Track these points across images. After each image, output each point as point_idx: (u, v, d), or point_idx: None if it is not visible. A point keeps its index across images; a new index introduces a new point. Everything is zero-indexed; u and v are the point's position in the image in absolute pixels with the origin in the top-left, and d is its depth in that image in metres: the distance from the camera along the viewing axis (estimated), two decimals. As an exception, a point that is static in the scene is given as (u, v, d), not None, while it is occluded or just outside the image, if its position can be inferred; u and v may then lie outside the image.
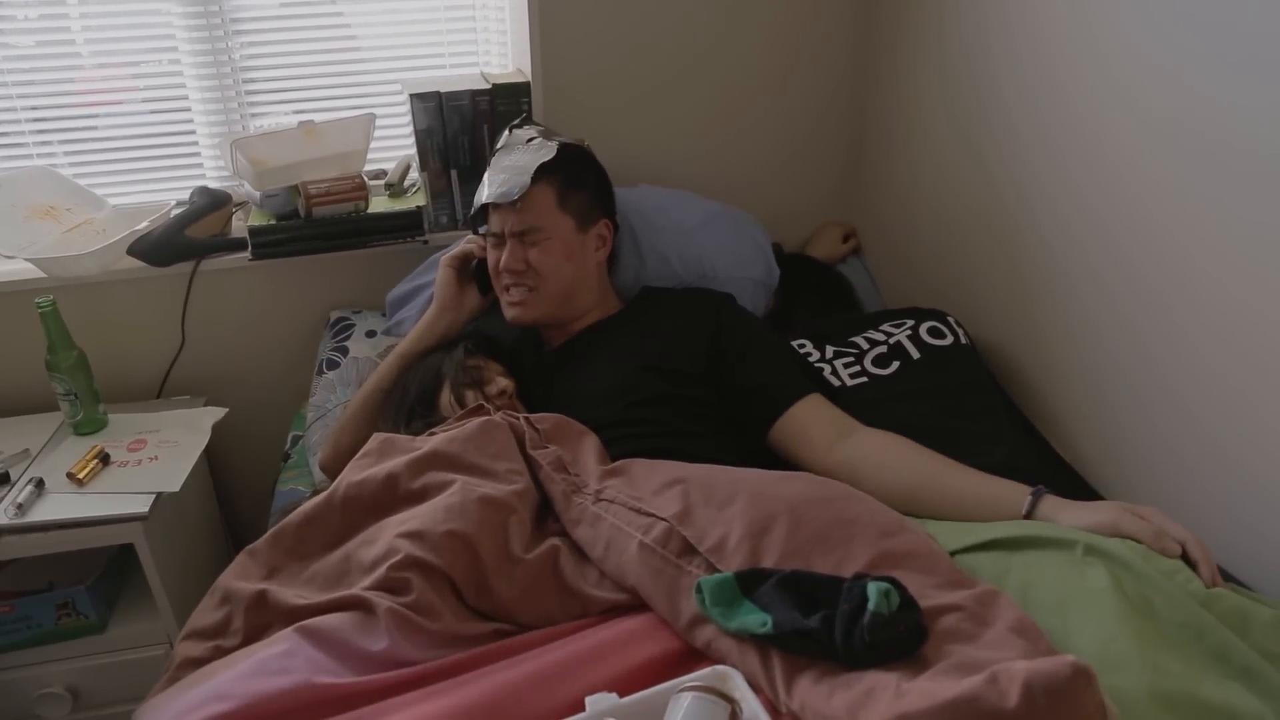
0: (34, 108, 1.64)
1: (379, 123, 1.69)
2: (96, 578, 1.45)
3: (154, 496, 1.38)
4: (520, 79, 1.66)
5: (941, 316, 1.48)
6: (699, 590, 0.86)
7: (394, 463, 1.08)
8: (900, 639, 0.75)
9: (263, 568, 1.04)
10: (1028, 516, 1.04)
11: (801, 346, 1.46)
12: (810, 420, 1.23)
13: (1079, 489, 1.27)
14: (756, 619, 0.81)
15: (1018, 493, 1.07)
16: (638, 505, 0.98)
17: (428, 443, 1.11)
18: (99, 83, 1.67)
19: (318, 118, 1.68)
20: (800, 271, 1.73)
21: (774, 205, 1.84)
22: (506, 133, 1.43)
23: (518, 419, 1.16)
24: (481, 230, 1.42)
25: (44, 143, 1.67)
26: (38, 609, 1.41)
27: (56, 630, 1.43)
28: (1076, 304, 1.33)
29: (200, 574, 1.62)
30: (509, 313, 1.38)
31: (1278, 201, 1.02)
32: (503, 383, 1.28)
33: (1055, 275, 1.37)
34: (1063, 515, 1.02)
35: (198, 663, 0.95)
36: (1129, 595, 0.93)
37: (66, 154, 1.69)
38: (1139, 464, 1.25)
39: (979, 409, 1.35)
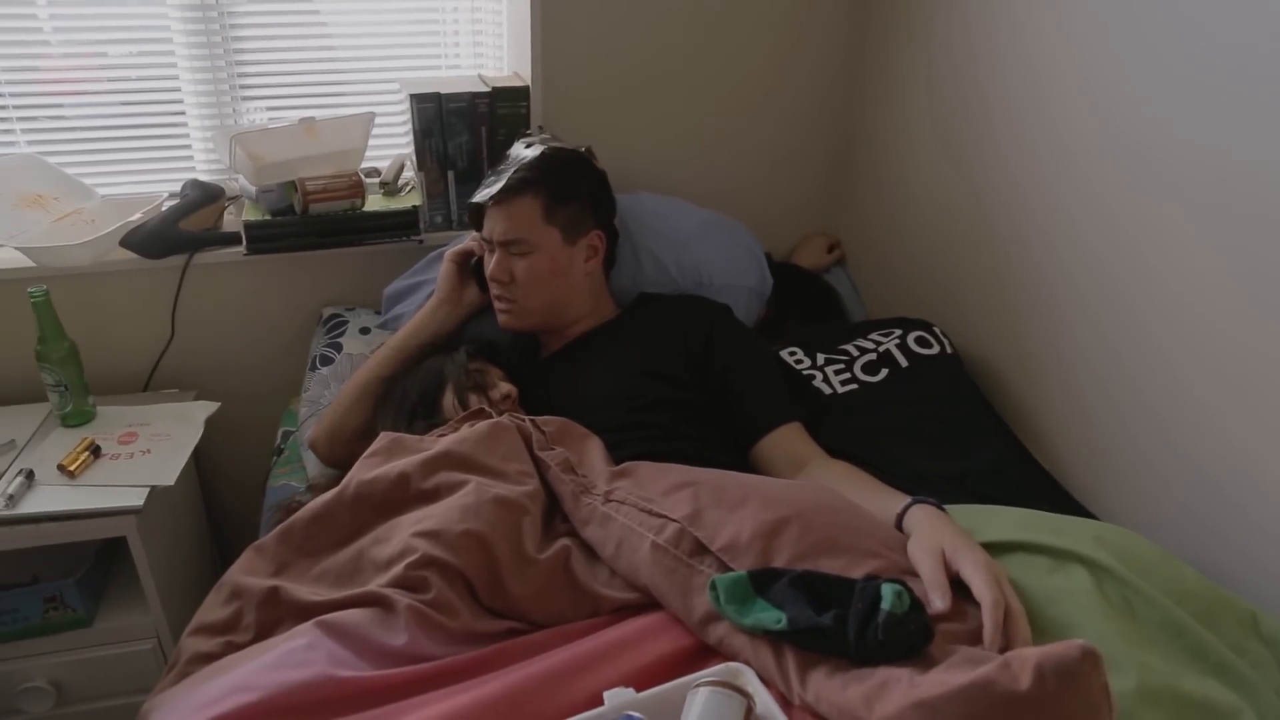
0: (19, 94, 1.61)
1: (372, 121, 1.70)
2: (85, 571, 1.44)
3: (148, 490, 1.38)
4: (518, 83, 1.68)
5: (928, 326, 1.54)
6: (713, 588, 0.89)
7: (405, 462, 1.09)
8: (911, 637, 0.79)
9: (271, 564, 1.05)
10: (898, 527, 1.02)
11: (793, 354, 1.50)
12: (776, 453, 1.28)
13: (1058, 494, 1.33)
14: (771, 616, 0.84)
15: (898, 503, 1.05)
16: (648, 506, 1.00)
17: (438, 443, 1.12)
18: (88, 71, 1.65)
19: (307, 114, 1.68)
20: (789, 281, 1.77)
21: (761, 213, 1.88)
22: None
23: (524, 421, 1.18)
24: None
25: (30, 129, 1.65)
26: (25, 602, 1.39)
27: (43, 624, 1.42)
28: (1056, 316, 1.39)
29: (185, 568, 1.61)
30: (500, 319, 1.41)
31: (1245, 225, 1.09)
32: (505, 387, 1.30)
33: (1036, 288, 1.43)
34: (913, 535, 0.99)
35: (208, 658, 0.95)
36: (1109, 597, 0.99)
37: (52, 142, 1.66)
38: (1115, 470, 1.31)
39: (964, 416, 1.40)
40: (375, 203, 1.69)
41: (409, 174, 1.77)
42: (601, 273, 1.47)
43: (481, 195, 1.37)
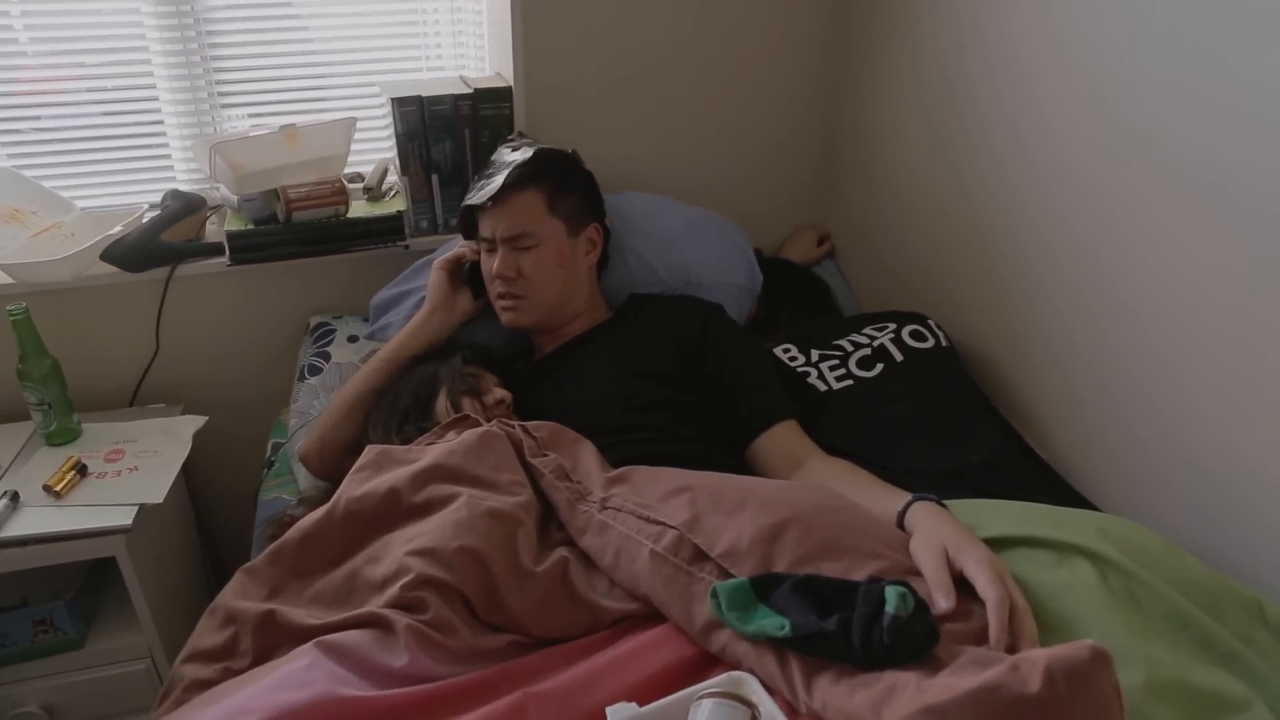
0: (-7, 107, 1.59)
1: (354, 126, 1.67)
2: (75, 593, 1.41)
3: (136, 508, 1.35)
4: (501, 83, 1.66)
5: (922, 320, 1.52)
6: (714, 595, 0.87)
7: (394, 476, 1.07)
8: (917, 640, 0.77)
9: (264, 587, 1.03)
10: (900, 525, 1.02)
11: (786, 351, 1.49)
12: (773, 452, 1.27)
13: (1058, 486, 1.32)
14: (774, 622, 0.83)
15: (899, 501, 1.03)
16: (646, 513, 0.99)
17: (426, 455, 1.10)
18: (63, 81, 1.62)
19: (288, 120, 1.65)
20: (779, 276, 1.76)
21: (750, 207, 1.86)
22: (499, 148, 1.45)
23: (514, 427, 1.16)
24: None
25: (5, 143, 1.62)
26: (14, 626, 1.37)
27: (33, 647, 1.40)
28: (1049, 306, 1.38)
29: (178, 586, 1.59)
30: (504, 317, 1.39)
31: (1236, 212, 1.08)
32: (500, 393, 1.28)
33: (1028, 278, 1.41)
34: (915, 534, 0.98)
35: (206, 684, 0.92)
36: (1114, 589, 0.98)
37: (28, 154, 1.63)
38: (1114, 460, 1.30)
39: (960, 409, 1.39)
40: (359, 209, 1.67)
41: (392, 179, 1.75)
42: (595, 272, 1.46)
43: (479, 197, 1.35)
